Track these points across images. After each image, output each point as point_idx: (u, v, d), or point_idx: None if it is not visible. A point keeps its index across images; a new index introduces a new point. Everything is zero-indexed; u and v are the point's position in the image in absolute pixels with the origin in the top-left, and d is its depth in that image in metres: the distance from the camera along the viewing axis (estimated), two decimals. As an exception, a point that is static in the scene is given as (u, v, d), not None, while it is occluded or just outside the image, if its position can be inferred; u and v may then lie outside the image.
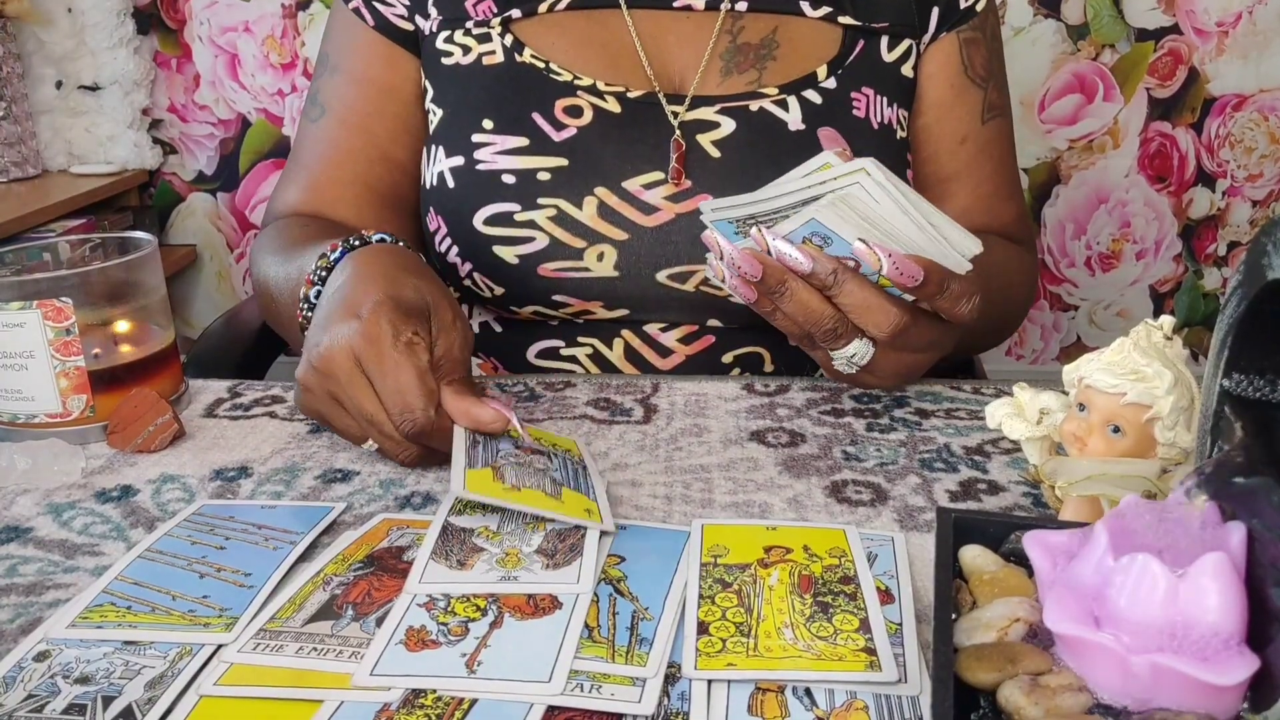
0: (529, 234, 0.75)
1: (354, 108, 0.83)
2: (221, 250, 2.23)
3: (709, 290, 0.76)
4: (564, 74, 0.78)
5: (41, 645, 0.42)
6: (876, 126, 0.79)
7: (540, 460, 0.54)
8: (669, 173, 0.75)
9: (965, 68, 0.84)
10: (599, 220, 0.75)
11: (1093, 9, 2.02)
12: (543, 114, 0.76)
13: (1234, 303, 0.35)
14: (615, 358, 0.79)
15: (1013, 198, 0.89)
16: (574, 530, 0.49)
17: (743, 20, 0.80)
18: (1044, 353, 2.28)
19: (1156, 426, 0.45)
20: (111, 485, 0.58)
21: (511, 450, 0.54)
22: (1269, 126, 2.09)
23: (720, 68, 0.79)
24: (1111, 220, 2.17)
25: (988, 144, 0.86)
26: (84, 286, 0.62)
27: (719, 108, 0.77)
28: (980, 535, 0.40)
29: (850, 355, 0.62)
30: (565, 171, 0.75)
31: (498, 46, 0.79)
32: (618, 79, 0.78)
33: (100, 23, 2.00)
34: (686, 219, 0.75)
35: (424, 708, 0.38)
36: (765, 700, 0.38)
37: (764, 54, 0.79)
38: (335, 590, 0.46)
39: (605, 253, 0.75)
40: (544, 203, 0.75)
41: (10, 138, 1.92)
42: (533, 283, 0.76)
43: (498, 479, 0.50)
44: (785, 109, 0.77)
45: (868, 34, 0.81)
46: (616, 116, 0.77)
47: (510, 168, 0.75)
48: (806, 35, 0.80)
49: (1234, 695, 0.30)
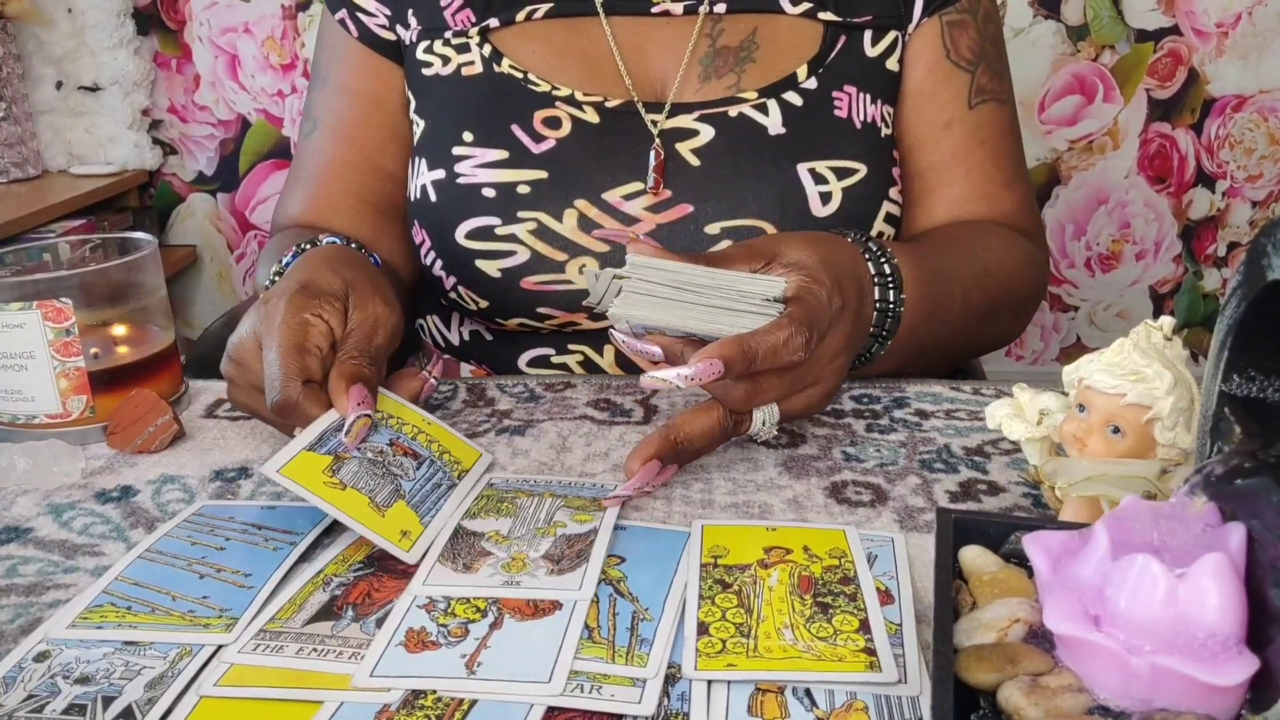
0: (510, 248, 0.74)
1: (343, 119, 0.83)
2: (221, 251, 2.23)
3: None
4: (542, 84, 0.77)
5: (41, 645, 0.42)
6: (859, 126, 0.77)
7: (406, 464, 0.53)
8: (648, 182, 0.75)
9: (947, 51, 0.81)
10: (579, 232, 0.74)
11: (1092, 10, 2.02)
12: (521, 126, 0.76)
13: (1234, 303, 0.35)
14: (606, 364, 0.79)
15: (1014, 186, 0.84)
16: (583, 536, 0.49)
17: (722, 23, 0.79)
18: (1044, 353, 2.28)
19: (1156, 427, 0.45)
20: (111, 486, 0.58)
21: (383, 445, 0.53)
22: (1269, 127, 2.09)
23: (699, 73, 0.78)
24: (1111, 221, 2.17)
25: (977, 129, 0.82)
26: (84, 287, 0.62)
27: (698, 115, 0.76)
28: (980, 536, 0.40)
29: (762, 424, 0.57)
30: (545, 184, 0.74)
31: (476, 57, 0.79)
32: (596, 88, 0.78)
33: (100, 23, 2.00)
34: (667, 229, 0.75)
35: (424, 709, 0.38)
36: (765, 701, 0.38)
37: (743, 56, 0.78)
38: (335, 591, 0.46)
39: (587, 265, 0.74)
40: (524, 216, 0.74)
41: (10, 138, 1.92)
42: (516, 296, 0.76)
43: (330, 470, 0.50)
44: (765, 113, 0.76)
45: (849, 29, 0.79)
46: (595, 127, 0.76)
47: (490, 181, 0.75)
48: (786, 34, 0.79)
49: (1234, 696, 0.30)
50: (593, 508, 0.52)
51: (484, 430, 0.64)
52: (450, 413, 0.67)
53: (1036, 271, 0.83)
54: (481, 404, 0.69)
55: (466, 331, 0.84)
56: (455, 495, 0.53)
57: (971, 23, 0.82)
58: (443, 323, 0.86)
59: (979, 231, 0.80)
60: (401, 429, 0.55)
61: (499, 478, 0.57)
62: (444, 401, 0.69)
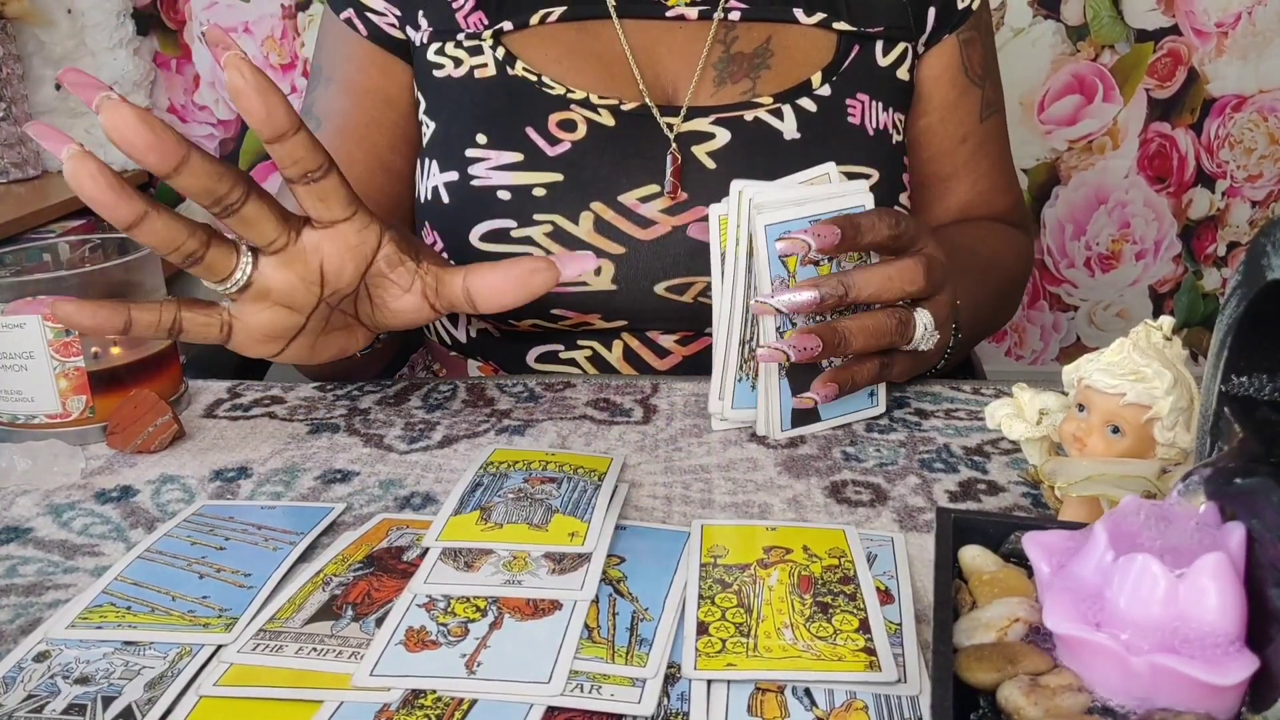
0: (526, 250, 0.74)
1: (351, 118, 0.83)
2: (221, 251, 2.23)
3: (707, 301, 0.76)
4: (557, 87, 0.77)
5: (41, 645, 0.42)
6: (872, 133, 0.79)
7: (548, 489, 0.53)
8: (665, 186, 0.75)
9: (965, 68, 0.85)
10: (595, 235, 0.75)
11: (1092, 10, 2.02)
12: (536, 128, 0.76)
13: (1234, 303, 0.35)
14: (614, 359, 0.79)
15: (1010, 189, 0.91)
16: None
17: (736, 30, 0.80)
18: (1043, 353, 2.28)
19: (1156, 427, 0.45)
20: (111, 486, 0.58)
21: (518, 484, 0.54)
22: (1269, 127, 2.09)
23: (714, 77, 0.79)
24: (1111, 221, 2.17)
25: (986, 140, 0.88)
26: (83, 287, 0.62)
27: (714, 118, 0.77)
28: (980, 535, 0.40)
29: (926, 328, 0.62)
30: (560, 187, 0.75)
31: (489, 59, 0.79)
32: (611, 91, 0.78)
33: (100, 23, 2.00)
34: (683, 231, 0.75)
35: (424, 708, 0.38)
36: (765, 700, 0.38)
37: (758, 63, 0.79)
38: (335, 591, 0.46)
39: (603, 267, 0.75)
40: (540, 219, 0.74)
41: (10, 138, 1.92)
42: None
43: (482, 520, 0.50)
44: (780, 118, 0.77)
45: (862, 39, 0.81)
46: (610, 130, 0.76)
47: (505, 184, 0.75)
48: (800, 43, 0.80)
49: (1234, 695, 0.30)
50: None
51: (484, 430, 0.64)
52: (450, 412, 0.67)
53: (1025, 257, 0.92)
54: (481, 404, 0.69)
55: (474, 330, 0.84)
56: (603, 492, 0.53)
57: (979, 38, 0.86)
58: (449, 321, 0.86)
59: (981, 230, 0.87)
60: (530, 467, 0.55)
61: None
62: (444, 402, 0.69)
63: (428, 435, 0.64)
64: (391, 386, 0.72)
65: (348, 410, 0.68)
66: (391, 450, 0.62)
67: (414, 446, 0.62)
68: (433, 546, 0.48)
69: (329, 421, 0.66)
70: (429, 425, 0.65)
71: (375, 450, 0.62)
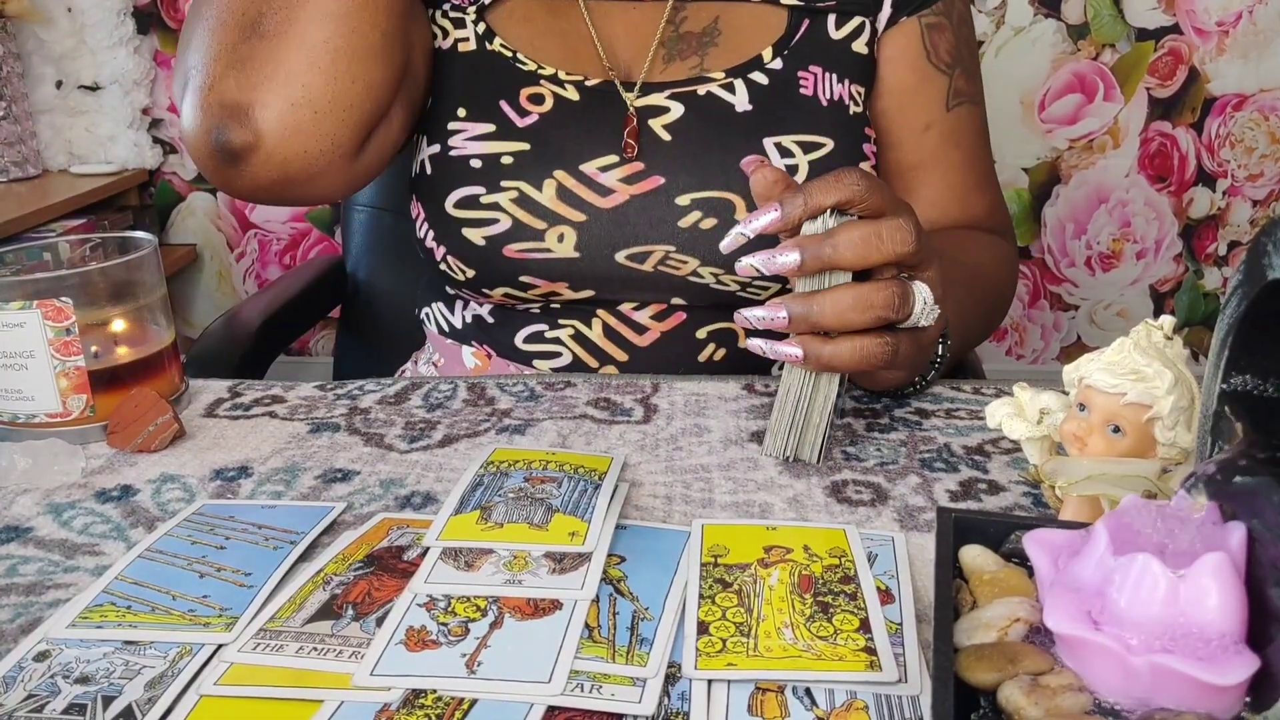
0: (493, 215, 0.77)
1: None
2: (222, 250, 2.23)
3: (666, 270, 0.78)
4: (529, 63, 0.81)
5: (41, 645, 0.42)
6: (826, 104, 0.80)
7: (548, 488, 0.53)
8: (621, 149, 0.78)
9: (928, 53, 0.84)
10: (558, 202, 0.77)
11: (1093, 9, 2.02)
12: (509, 101, 0.79)
13: (1234, 302, 0.35)
14: (595, 336, 0.81)
15: (986, 189, 0.88)
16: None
17: (685, 10, 0.83)
18: (1044, 353, 2.28)
19: (1157, 426, 0.45)
20: (111, 485, 0.58)
21: (519, 484, 0.54)
22: (1269, 126, 2.09)
23: (664, 55, 0.82)
24: (1112, 220, 2.17)
25: (954, 132, 0.85)
26: (84, 286, 0.62)
27: (669, 93, 0.80)
28: (980, 535, 0.40)
29: (925, 301, 0.58)
30: (527, 155, 0.78)
31: (471, 34, 0.82)
32: (576, 68, 0.81)
33: (100, 22, 2.00)
34: (640, 200, 0.77)
35: (424, 708, 0.38)
36: (765, 700, 0.38)
37: (705, 41, 0.82)
38: (335, 590, 0.46)
39: (565, 234, 0.77)
40: (506, 185, 0.77)
41: (10, 137, 1.92)
42: (499, 263, 0.78)
43: (482, 519, 0.50)
44: (732, 92, 0.79)
45: (813, 13, 0.82)
46: (575, 104, 0.80)
47: (478, 153, 0.78)
48: (749, 21, 0.82)
49: (1234, 695, 0.30)
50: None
51: (484, 429, 0.64)
52: (450, 412, 0.67)
53: (1010, 267, 0.89)
54: (482, 403, 0.69)
55: (469, 315, 0.87)
56: (604, 492, 0.53)
57: (948, 25, 0.85)
58: (447, 308, 0.89)
59: (961, 237, 0.85)
60: (530, 467, 0.56)
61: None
62: (444, 401, 0.69)
63: (428, 434, 0.64)
64: (392, 386, 0.72)
65: (348, 409, 0.68)
66: (392, 449, 0.62)
67: (414, 446, 0.62)
68: (433, 546, 0.48)
69: (329, 421, 0.66)
70: (429, 424, 0.65)
71: (376, 449, 0.62)
